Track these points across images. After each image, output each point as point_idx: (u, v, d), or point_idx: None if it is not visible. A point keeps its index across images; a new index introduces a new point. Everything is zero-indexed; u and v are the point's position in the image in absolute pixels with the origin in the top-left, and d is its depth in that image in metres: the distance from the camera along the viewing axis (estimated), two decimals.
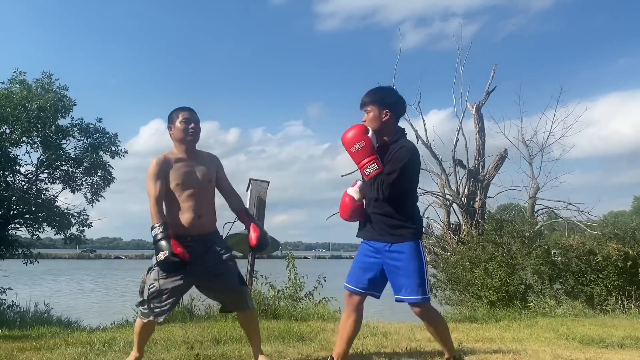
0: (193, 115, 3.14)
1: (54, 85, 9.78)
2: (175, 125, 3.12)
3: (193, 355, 3.70)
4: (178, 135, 3.11)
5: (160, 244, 2.90)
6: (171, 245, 2.90)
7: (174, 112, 3.16)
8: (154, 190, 2.97)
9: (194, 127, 3.11)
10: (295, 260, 7.68)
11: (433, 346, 4.32)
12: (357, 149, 2.86)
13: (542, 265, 8.50)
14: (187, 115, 3.12)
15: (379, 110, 2.96)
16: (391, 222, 2.96)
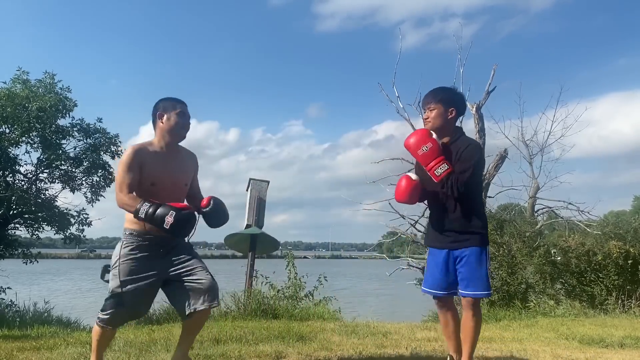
0: (187, 111, 2.95)
1: (56, 86, 9.78)
2: (171, 115, 2.85)
3: (193, 355, 3.70)
4: (170, 127, 2.84)
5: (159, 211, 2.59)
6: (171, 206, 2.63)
7: (169, 101, 2.90)
8: (127, 180, 2.70)
9: (188, 125, 2.92)
10: (295, 260, 7.68)
11: (433, 346, 4.32)
12: (425, 151, 2.84)
13: (545, 265, 8.50)
14: (185, 110, 2.91)
15: (444, 108, 2.97)
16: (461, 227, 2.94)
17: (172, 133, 2.86)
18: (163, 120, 2.85)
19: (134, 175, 2.71)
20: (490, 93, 12.38)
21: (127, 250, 2.77)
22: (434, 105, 2.98)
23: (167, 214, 2.58)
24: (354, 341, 4.46)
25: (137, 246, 2.78)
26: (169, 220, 2.58)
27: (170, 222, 2.57)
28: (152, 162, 2.79)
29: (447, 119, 2.98)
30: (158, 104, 2.91)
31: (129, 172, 2.71)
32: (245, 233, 7.48)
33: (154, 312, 6.73)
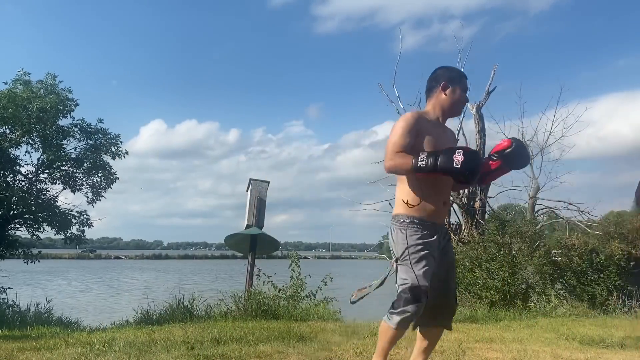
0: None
1: (57, 87, 9.78)
2: (456, 91, 2.57)
3: (193, 355, 3.70)
4: (453, 101, 2.57)
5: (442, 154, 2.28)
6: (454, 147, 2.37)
7: (456, 73, 2.64)
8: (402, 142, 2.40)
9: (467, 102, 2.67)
10: (297, 260, 7.67)
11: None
12: None
13: (545, 265, 8.50)
14: (467, 86, 2.63)
15: None
16: None
17: (453, 108, 2.61)
18: (447, 92, 2.57)
19: (410, 141, 2.42)
20: (490, 93, 12.39)
21: (416, 237, 2.45)
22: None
23: (453, 153, 2.28)
24: (354, 341, 4.46)
25: (424, 234, 2.47)
26: (458, 158, 2.26)
27: (460, 159, 2.25)
28: (430, 132, 2.50)
29: None
30: (443, 73, 2.63)
31: (406, 137, 2.42)
32: (246, 233, 7.48)
33: (154, 312, 6.74)
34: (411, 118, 2.47)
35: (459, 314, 7.66)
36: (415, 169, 2.30)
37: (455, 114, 2.66)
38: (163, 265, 59.67)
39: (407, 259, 2.43)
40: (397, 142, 2.40)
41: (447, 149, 2.31)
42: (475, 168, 2.31)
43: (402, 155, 2.36)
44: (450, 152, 2.27)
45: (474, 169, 2.30)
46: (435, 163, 2.26)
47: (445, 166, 2.25)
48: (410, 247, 2.42)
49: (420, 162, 2.28)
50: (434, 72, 2.65)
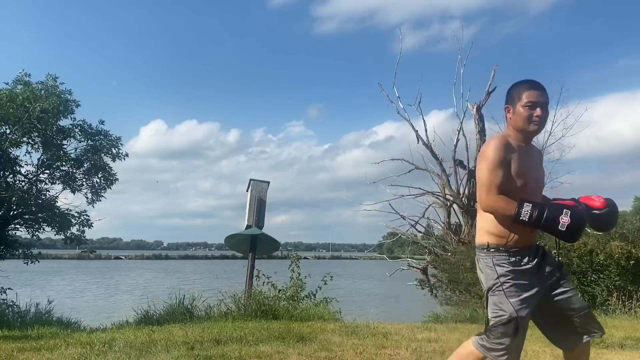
0: (541, 97, 2.38)
1: (58, 88, 9.78)
2: (517, 108, 2.39)
3: (193, 355, 3.70)
4: (518, 122, 2.39)
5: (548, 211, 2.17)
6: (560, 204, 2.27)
7: (515, 89, 2.44)
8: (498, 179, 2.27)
9: (540, 115, 2.36)
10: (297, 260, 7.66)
11: (433, 347, 4.32)
12: None
13: None
14: (534, 98, 2.37)
15: None
16: None
17: (524, 127, 2.39)
18: (510, 115, 2.43)
19: (504, 173, 2.28)
20: (490, 93, 12.40)
21: (506, 269, 2.32)
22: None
23: (560, 214, 2.17)
24: (354, 342, 4.46)
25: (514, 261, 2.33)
26: (565, 221, 2.16)
27: (567, 222, 2.15)
28: (518, 157, 2.35)
29: None
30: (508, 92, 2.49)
31: (500, 169, 2.27)
32: (246, 234, 7.48)
33: (154, 313, 6.74)
34: (501, 148, 2.32)
35: (459, 314, 7.67)
36: (516, 220, 2.20)
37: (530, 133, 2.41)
38: (163, 266, 59.70)
39: (501, 289, 2.30)
40: (494, 180, 2.27)
41: (554, 205, 2.23)
42: (580, 231, 2.22)
43: (504, 200, 2.25)
44: (557, 211, 2.18)
45: (579, 233, 2.23)
46: (540, 219, 2.17)
47: (549, 226, 2.17)
48: (501, 277, 2.31)
49: (524, 215, 2.18)
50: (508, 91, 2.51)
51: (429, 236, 12.43)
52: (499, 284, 2.29)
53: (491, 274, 2.32)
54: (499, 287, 2.30)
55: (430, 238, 12.30)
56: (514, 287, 2.27)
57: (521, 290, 2.28)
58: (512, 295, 2.26)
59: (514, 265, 2.31)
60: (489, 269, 2.34)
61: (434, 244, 11.96)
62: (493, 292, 2.31)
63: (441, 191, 11.96)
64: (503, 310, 2.26)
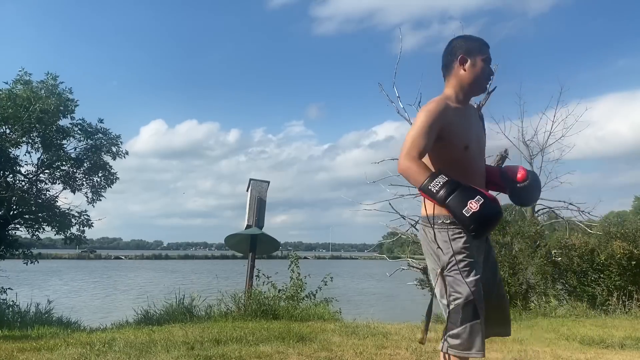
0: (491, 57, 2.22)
1: (57, 87, 9.79)
2: (477, 61, 2.16)
3: (193, 355, 3.70)
4: (472, 79, 2.16)
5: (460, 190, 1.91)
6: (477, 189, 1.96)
7: (474, 42, 2.20)
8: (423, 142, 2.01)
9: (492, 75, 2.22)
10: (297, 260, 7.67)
11: (433, 347, 4.32)
12: None
13: (546, 266, 8.50)
14: (490, 55, 2.20)
15: None
16: None
17: (476, 85, 2.19)
18: (466, 67, 2.16)
19: (431, 140, 2.04)
20: (490, 93, 12.37)
21: (461, 242, 2.04)
22: None
23: (472, 199, 1.89)
24: (354, 342, 4.46)
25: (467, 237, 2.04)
26: (473, 207, 1.88)
27: (475, 209, 1.87)
28: (459, 122, 2.13)
29: None
30: (460, 44, 2.20)
31: (428, 135, 2.03)
32: (246, 234, 7.48)
33: (154, 313, 6.74)
34: (436, 110, 2.08)
35: None
36: (424, 190, 1.97)
37: (479, 91, 2.25)
38: (162, 266, 59.71)
39: (456, 268, 2.02)
40: (418, 141, 2.02)
41: (468, 189, 1.94)
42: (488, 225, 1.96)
43: (420, 166, 1.99)
44: (467, 196, 1.91)
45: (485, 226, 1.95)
46: (445, 199, 1.91)
47: (454, 207, 1.91)
48: (457, 254, 2.03)
49: (433, 185, 1.93)
50: (449, 44, 2.24)
51: None
52: (455, 262, 2.02)
53: (446, 250, 2.04)
54: (454, 266, 2.02)
55: None
56: (469, 265, 2.02)
57: (476, 268, 2.04)
58: (467, 274, 2.01)
59: (470, 240, 2.05)
60: (443, 244, 2.05)
61: None
62: (449, 271, 2.03)
63: None
64: (459, 293, 2.00)
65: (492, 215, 1.93)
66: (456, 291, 2.01)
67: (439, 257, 2.06)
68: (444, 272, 2.04)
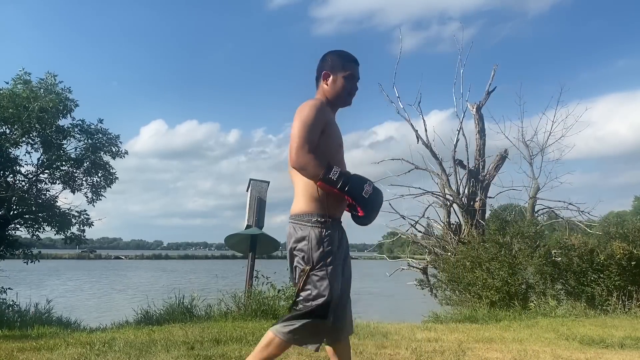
0: (359, 73, 2.37)
1: (57, 86, 9.78)
2: (338, 78, 2.30)
3: (193, 355, 3.70)
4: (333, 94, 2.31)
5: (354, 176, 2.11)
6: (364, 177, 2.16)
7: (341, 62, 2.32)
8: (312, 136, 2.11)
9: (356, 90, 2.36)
10: None
11: (433, 346, 4.32)
12: None
13: (545, 266, 8.50)
14: (356, 72, 2.35)
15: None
16: None
17: (337, 100, 2.33)
18: (328, 82, 2.31)
19: (318, 134, 2.14)
20: (490, 93, 12.41)
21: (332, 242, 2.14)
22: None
23: (365, 182, 2.10)
24: (354, 341, 4.46)
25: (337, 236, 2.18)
26: (369, 190, 2.09)
27: (370, 191, 2.09)
28: (333, 120, 2.30)
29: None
30: (327, 60, 2.35)
31: (316, 129, 2.13)
32: (245, 234, 7.48)
33: (154, 313, 6.74)
34: (319, 107, 2.19)
35: (458, 314, 7.66)
36: (324, 180, 2.06)
37: (342, 105, 2.37)
38: (162, 265, 59.70)
39: (324, 268, 2.09)
40: (309, 136, 2.09)
41: (358, 176, 2.13)
42: (379, 204, 2.17)
43: (315, 159, 2.07)
44: (361, 181, 2.10)
45: (378, 205, 2.17)
46: (345, 185, 2.06)
47: (354, 192, 2.08)
48: (327, 254, 2.10)
49: (332, 176, 2.05)
50: (322, 58, 2.37)
51: (429, 236, 12.42)
52: (324, 263, 2.09)
53: (317, 248, 2.10)
54: (322, 265, 2.09)
55: (430, 238, 12.29)
56: (335, 266, 2.11)
57: (339, 268, 2.15)
58: (333, 274, 2.09)
59: (337, 240, 2.17)
60: (316, 243, 2.10)
61: (433, 243, 11.95)
62: (320, 269, 2.08)
63: (441, 191, 11.96)
64: (320, 291, 2.07)
65: (381, 196, 2.18)
66: (319, 291, 2.07)
67: (309, 255, 2.10)
68: (312, 270, 2.09)
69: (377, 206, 2.17)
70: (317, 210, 2.15)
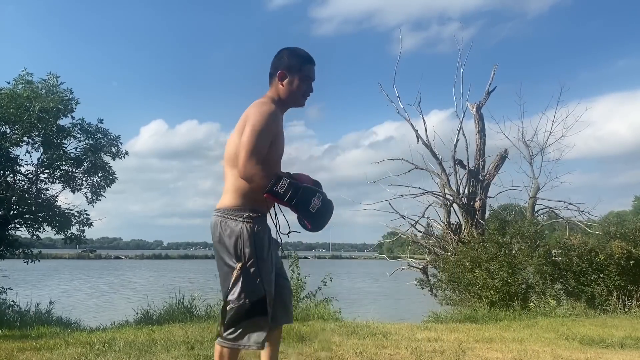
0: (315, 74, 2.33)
1: (59, 87, 9.78)
2: (294, 80, 2.25)
3: (193, 355, 3.70)
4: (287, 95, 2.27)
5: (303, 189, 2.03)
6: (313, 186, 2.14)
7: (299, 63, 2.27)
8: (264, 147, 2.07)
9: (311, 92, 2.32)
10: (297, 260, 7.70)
11: (433, 346, 4.32)
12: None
13: (545, 266, 8.50)
14: (313, 74, 2.31)
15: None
16: None
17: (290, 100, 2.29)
18: (284, 83, 2.26)
19: (268, 144, 2.10)
20: (490, 93, 12.40)
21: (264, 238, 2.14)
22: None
23: (313, 196, 2.02)
24: (354, 341, 4.46)
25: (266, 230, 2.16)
26: (317, 204, 2.02)
27: (318, 205, 2.02)
28: (281, 126, 2.23)
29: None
30: (284, 59, 2.28)
31: (266, 137, 2.09)
32: None
33: (154, 313, 6.74)
34: (273, 114, 2.14)
35: (458, 314, 7.66)
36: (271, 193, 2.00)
37: (295, 105, 2.33)
38: (162, 265, 59.71)
39: (256, 263, 2.07)
40: (259, 146, 2.04)
41: (308, 188, 2.06)
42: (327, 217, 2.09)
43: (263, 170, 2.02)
44: (310, 194, 2.03)
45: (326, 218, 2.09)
46: (292, 199, 1.99)
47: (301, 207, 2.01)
48: (259, 249, 2.09)
49: (279, 187, 1.98)
50: (277, 54, 2.31)
51: (429, 236, 12.42)
52: (256, 258, 2.07)
53: (250, 244, 2.07)
54: (254, 260, 2.06)
55: (430, 238, 12.29)
56: (268, 260, 2.10)
57: (272, 261, 2.13)
58: (265, 269, 2.08)
59: (268, 234, 2.15)
60: (248, 238, 2.07)
61: (433, 243, 11.95)
62: (252, 265, 2.06)
63: (441, 191, 11.96)
64: (256, 288, 2.05)
65: (331, 208, 2.10)
66: (253, 286, 2.05)
67: (241, 251, 2.07)
68: (245, 265, 2.06)
69: (325, 220, 2.09)
70: (249, 205, 2.12)
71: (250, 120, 2.10)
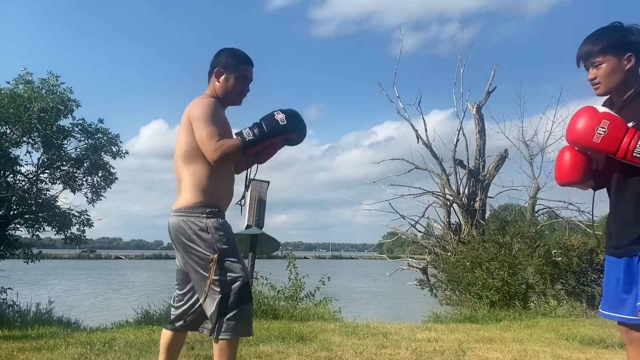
0: (252, 74, 2.40)
1: (59, 87, 9.78)
2: (230, 78, 2.32)
3: (193, 355, 3.70)
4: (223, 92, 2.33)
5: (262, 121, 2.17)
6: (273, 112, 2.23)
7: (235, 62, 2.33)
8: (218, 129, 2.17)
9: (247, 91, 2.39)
10: (296, 260, 7.70)
11: (433, 346, 4.32)
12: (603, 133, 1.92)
13: (545, 266, 8.50)
14: (249, 74, 2.37)
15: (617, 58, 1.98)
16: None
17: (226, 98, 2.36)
18: (220, 80, 2.33)
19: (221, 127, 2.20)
20: (490, 93, 12.41)
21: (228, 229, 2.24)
22: (602, 57, 2.01)
23: (273, 116, 2.16)
24: (354, 341, 4.46)
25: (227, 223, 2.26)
26: (281, 116, 2.15)
27: (283, 116, 2.15)
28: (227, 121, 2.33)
29: (625, 72, 1.99)
30: (221, 58, 2.36)
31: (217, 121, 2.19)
32: (245, 234, 7.47)
33: (154, 312, 6.74)
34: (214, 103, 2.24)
35: (459, 314, 7.67)
36: (246, 145, 2.12)
37: (231, 104, 2.39)
38: (161, 265, 59.71)
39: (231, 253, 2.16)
40: (214, 130, 2.14)
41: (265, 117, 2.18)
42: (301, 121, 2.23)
43: (225, 141, 2.14)
44: (269, 116, 2.16)
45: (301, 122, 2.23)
46: (264, 130, 2.12)
47: (273, 129, 2.13)
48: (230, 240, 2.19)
49: (247, 136, 2.11)
50: (217, 53, 2.40)
51: (429, 236, 12.43)
52: (229, 248, 2.15)
53: (219, 236, 2.15)
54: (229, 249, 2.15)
55: (430, 238, 12.30)
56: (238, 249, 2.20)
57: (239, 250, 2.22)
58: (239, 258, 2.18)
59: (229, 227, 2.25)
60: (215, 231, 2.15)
61: (434, 243, 11.96)
62: (227, 254, 2.14)
63: (441, 191, 11.97)
64: (237, 275, 2.12)
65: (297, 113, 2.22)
66: (235, 275, 2.12)
67: (213, 245, 2.13)
68: (221, 258, 2.12)
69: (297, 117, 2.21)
70: (209, 201, 2.20)
71: (196, 114, 2.20)
